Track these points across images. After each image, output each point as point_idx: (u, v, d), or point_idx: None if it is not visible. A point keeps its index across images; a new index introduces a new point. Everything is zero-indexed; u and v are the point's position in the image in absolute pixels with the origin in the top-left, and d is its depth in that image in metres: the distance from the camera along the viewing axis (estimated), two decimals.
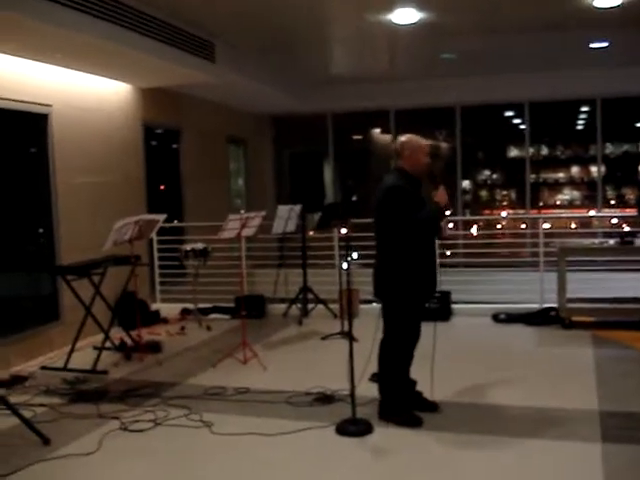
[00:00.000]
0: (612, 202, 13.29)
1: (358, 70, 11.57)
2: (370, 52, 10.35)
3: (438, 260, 5.12)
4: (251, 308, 8.67)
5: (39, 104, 7.44)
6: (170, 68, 8.05)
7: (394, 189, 4.82)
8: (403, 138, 5.03)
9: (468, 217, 13.32)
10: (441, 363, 5.33)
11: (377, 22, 8.13)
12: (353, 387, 4.93)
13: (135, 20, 6.98)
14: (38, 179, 7.59)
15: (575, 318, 7.82)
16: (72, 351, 6.80)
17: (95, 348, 7.09)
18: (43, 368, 6.80)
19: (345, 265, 5.15)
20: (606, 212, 12.88)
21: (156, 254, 9.57)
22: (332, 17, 8.33)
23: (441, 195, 4.84)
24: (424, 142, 5.00)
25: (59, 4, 5.96)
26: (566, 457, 4.36)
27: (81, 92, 8.16)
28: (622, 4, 7.53)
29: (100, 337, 7.04)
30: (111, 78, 8.66)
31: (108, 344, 7.05)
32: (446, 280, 5.17)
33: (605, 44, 9.74)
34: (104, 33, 6.57)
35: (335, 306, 8.50)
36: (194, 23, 7.96)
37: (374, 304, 5.02)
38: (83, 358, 6.88)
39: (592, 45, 9.80)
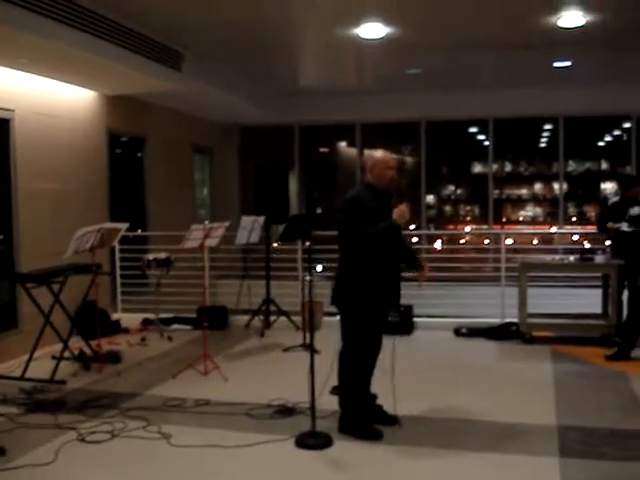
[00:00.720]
0: (573, 219, 13.48)
1: (325, 83, 11.62)
2: (338, 66, 10.41)
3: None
4: (213, 319, 8.63)
5: (1, 109, 7.34)
6: (135, 76, 8.01)
7: (346, 201, 4.88)
8: (370, 152, 5.07)
9: (432, 232, 13.41)
10: (402, 377, 5.34)
11: (345, 36, 8.17)
12: (313, 400, 4.92)
13: (101, 27, 6.92)
14: None
15: (535, 333, 7.91)
16: (30, 360, 6.69)
17: (54, 358, 6.98)
18: (0, 377, 6.68)
19: (308, 277, 5.15)
20: (567, 229, 13.05)
21: (118, 263, 9.48)
22: (301, 30, 8.36)
23: (399, 212, 4.79)
24: (390, 156, 5.03)
25: (26, 9, 5.90)
26: (525, 471, 4.39)
27: (45, 98, 8.07)
28: (585, 24, 7.66)
29: (59, 346, 6.93)
30: (76, 84, 8.58)
31: (67, 354, 6.95)
32: (408, 294, 5.17)
33: (568, 63, 9.90)
34: (70, 39, 6.52)
35: (298, 318, 8.50)
36: (162, 32, 7.93)
37: (337, 317, 5.03)
38: (41, 367, 6.77)
39: (556, 64, 9.94)
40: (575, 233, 13.26)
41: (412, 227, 12.79)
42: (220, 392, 6.07)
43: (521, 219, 14.06)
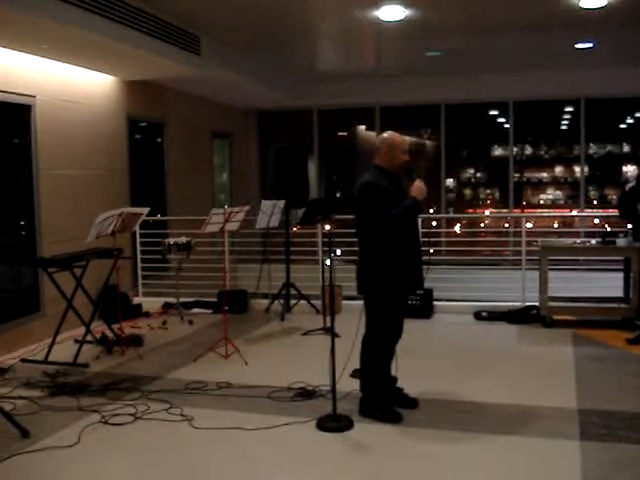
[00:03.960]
0: (595, 202, 13.38)
1: (344, 66, 11.57)
2: (357, 49, 10.35)
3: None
4: (233, 303, 8.68)
5: (22, 95, 7.38)
6: (155, 60, 8.01)
7: (366, 186, 4.85)
8: (382, 135, 5.06)
9: (452, 215, 13.37)
10: (422, 360, 5.36)
11: (364, 19, 8.13)
12: (334, 383, 4.94)
13: (120, 12, 6.92)
14: (20, 170, 7.53)
15: (556, 317, 7.88)
16: (53, 344, 6.77)
17: (76, 341, 7.06)
18: (23, 360, 6.75)
19: (328, 261, 5.16)
20: (588, 212, 12.96)
21: (139, 247, 9.53)
22: (320, 13, 8.31)
23: (416, 188, 4.83)
24: (402, 139, 5.01)
25: None
26: (545, 455, 4.39)
27: (65, 84, 8.10)
28: (607, 5, 7.57)
29: (81, 330, 7.00)
30: (96, 70, 8.61)
31: (89, 337, 7.02)
32: (429, 277, 5.16)
33: (590, 45, 9.78)
34: (91, 25, 6.51)
35: (318, 302, 8.52)
36: (181, 16, 7.92)
37: (356, 301, 5.04)
38: (64, 351, 6.86)
39: (577, 45, 9.83)
40: (596, 216, 13.18)
41: (431, 210, 12.76)
42: (241, 375, 6.11)
43: (542, 202, 13.97)
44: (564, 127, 13.57)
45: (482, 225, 13.84)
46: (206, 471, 4.27)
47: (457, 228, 12.80)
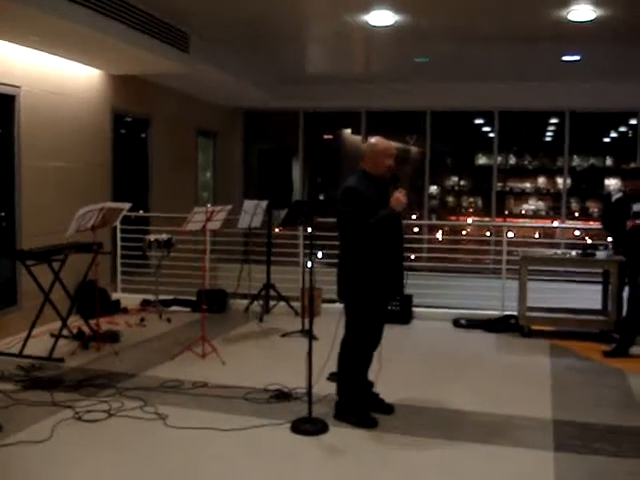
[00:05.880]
0: (576, 214, 13.46)
1: (332, 70, 11.59)
2: (345, 53, 10.37)
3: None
4: (212, 302, 8.63)
5: (7, 85, 7.31)
6: (142, 55, 7.97)
7: (347, 191, 4.83)
8: (370, 140, 5.05)
9: (434, 222, 13.40)
10: (399, 366, 5.35)
11: (354, 23, 8.13)
12: (310, 385, 4.93)
13: (109, 5, 6.89)
14: (2, 161, 7.46)
15: (534, 327, 7.90)
16: (28, 337, 6.71)
17: (52, 335, 6.98)
18: None
19: (309, 263, 5.14)
20: (570, 223, 13.03)
21: (119, 243, 9.47)
22: (309, 15, 8.32)
23: (395, 199, 4.78)
24: (387, 145, 4.98)
25: None
26: (519, 465, 4.39)
27: (51, 75, 8.04)
28: (595, 19, 7.62)
29: (58, 324, 6.93)
30: (82, 63, 8.54)
31: (66, 332, 6.96)
32: (409, 283, 5.16)
33: (577, 57, 9.85)
34: (79, 17, 6.48)
35: (297, 304, 8.50)
36: (169, 13, 7.89)
37: (336, 304, 5.02)
38: (40, 345, 6.79)
39: (564, 58, 9.90)
40: (577, 228, 13.26)
41: (414, 217, 12.78)
42: (217, 375, 6.08)
43: (523, 212, 14.04)
44: (548, 138, 13.66)
45: (464, 233, 13.89)
46: (178, 471, 4.24)
47: (439, 235, 12.83)
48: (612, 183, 13.29)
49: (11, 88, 7.39)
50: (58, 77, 8.19)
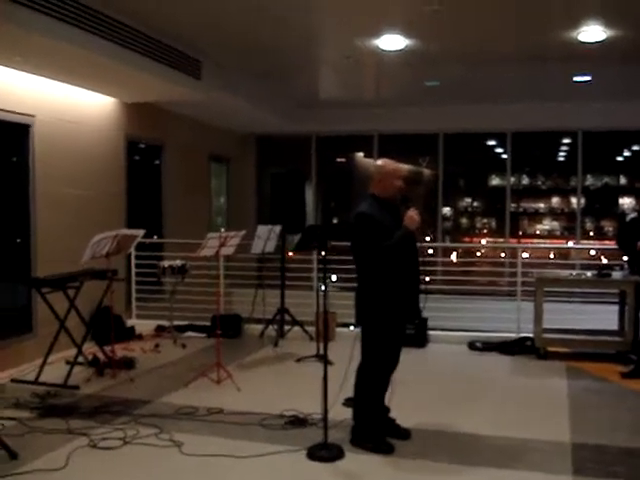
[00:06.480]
0: (591, 233, 13.39)
1: (344, 94, 11.63)
2: (357, 77, 10.40)
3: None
4: (227, 327, 8.63)
5: (22, 114, 7.40)
6: (155, 83, 8.05)
7: (360, 217, 4.82)
8: (376, 162, 5.05)
9: (448, 244, 13.37)
10: (415, 390, 5.32)
11: (364, 48, 8.18)
12: (326, 411, 4.90)
13: (122, 35, 6.96)
14: (18, 189, 7.53)
15: (550, 348, 7.85)
16: (44, 364, 6.72)
17: (67, 362, 7.00)
18: (14, 381, 6.71)
19: (323, 287, 5.13)
20: (585, 243, 12.97)
21: (134, 269, 9.50)
22: (321, 41, 8.37)
23: (409, 218, 4.78)
24: (396, 166, 4.98)
25: (50, 17, 5.95)
26: None
27: (65, 104, 8.12)
28: (606, 40, 7.63)
29: (73, 351, 6.95)
30: (96, 91, 8.63)
31: (81, 359, 6.97)
32: (423, 306, 5.15)
33: (588, 78, 9.86)
34: (93, 46, 6.56)
35: (312, 328, 8.48)
36: (182, 40, 7.96)
37: (351, 327, 5.00)
38: (55, 372, 6.79)
39: (575, 78, 9.90)
40: (592, 248, 13.18)
41: (427, 239, 12.75)
42: (233, 401, 6.06)
43: (538, 233, 13.99)
44: (561, 158, 13.61)
45: (478, 254, 13.83)
46: None
47: (453, 257, 12.80)
48: (627, 202, 13.24)
49: (26, 117, 7.47)
50: (72, 106, 8.27)
